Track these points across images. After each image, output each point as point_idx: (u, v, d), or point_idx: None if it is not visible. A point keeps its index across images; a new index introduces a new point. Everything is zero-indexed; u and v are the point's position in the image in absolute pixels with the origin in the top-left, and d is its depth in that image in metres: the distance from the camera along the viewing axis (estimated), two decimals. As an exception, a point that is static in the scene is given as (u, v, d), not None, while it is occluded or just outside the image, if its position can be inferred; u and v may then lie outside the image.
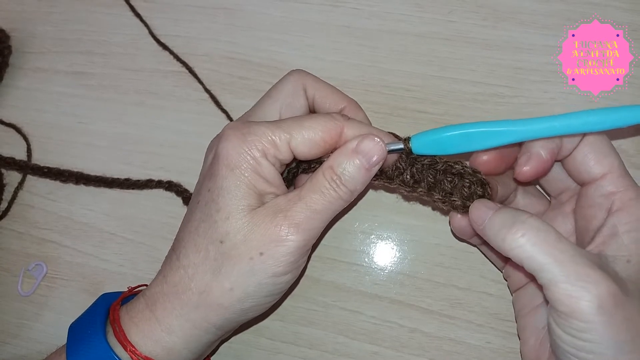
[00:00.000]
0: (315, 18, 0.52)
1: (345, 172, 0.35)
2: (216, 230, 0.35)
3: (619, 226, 0.33)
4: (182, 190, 0.49)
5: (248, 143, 0.35)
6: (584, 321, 0.30)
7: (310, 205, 0.35)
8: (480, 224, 0.34)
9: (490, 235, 0.34)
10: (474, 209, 0.35)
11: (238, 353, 0.46)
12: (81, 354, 0.35)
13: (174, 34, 0.54)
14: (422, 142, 0.36)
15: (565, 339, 0.32)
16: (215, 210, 0.35)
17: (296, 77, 0.40)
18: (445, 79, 0.49)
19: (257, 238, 0.34)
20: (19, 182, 0.52)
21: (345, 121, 0.36)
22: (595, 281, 0.30)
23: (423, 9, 0.51)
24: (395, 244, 0.47)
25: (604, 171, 0.35)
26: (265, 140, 0.35)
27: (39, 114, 0.54)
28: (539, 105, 0.48)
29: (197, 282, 0.35)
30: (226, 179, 0.35)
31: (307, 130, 0.35)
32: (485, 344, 0.44)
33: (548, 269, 0.31)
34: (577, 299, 0.30)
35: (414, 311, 0.45)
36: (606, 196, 0.35)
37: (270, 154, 0.35)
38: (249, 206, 0.35)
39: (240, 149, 0.35)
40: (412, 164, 0.37)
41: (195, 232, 0.36)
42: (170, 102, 0.52)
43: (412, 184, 0.37)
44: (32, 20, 0.57)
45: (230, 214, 0.35)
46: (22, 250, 0.50)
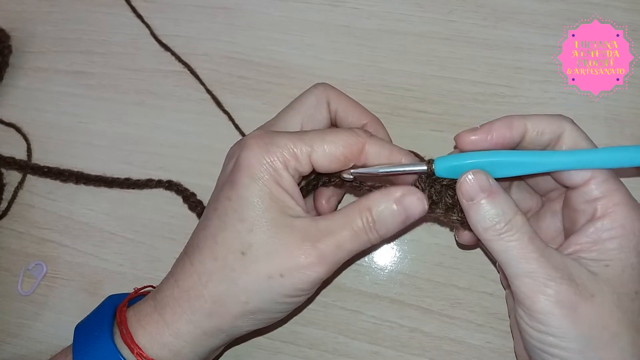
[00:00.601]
0: (315, 18, 0.52)
1: (382, 217, 0.35)
2: (238, 240, 0.34)
3: (602, 232, 0.33)
4: (182, 189, 0.49)
5: (270, 154, 0.34)
6: (544, 314, 0.31)
7: (339, 241, 0.34)
8: (468, 200, 0.34)
9: (474, 219, 0.34)
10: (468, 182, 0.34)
11: (238, 353, 0.46)
12: (88, 355, 0.35)
13: (174, 34, 0.54)
14: (446, 166, 0.36)
15: (532, 334, 0.33)
16: (238, 220, 0.34)
17: (320, 90, 0.40)
18: (445, 78, 0.49)
19: (280, 258, 0.34)
20: (19, 182, 0.52)
21: (368, 138, 0.36)
22: (557, 278, 0.31)
23: (423, 9, 0.51)
24: (395, 243, 0.47)
25: (586, 178, 0.34)
26: (287, 152, 0.35)
27: (39, 114, 0.54)
28: (539, 105, 0.48)
29: (210, 290, 0.35)
30: (248, 188, 0.34)
31: (329, 145, 0.35)
32: (485, 344, 0.44)
33: (514, 264, 0.32)
34: (538, 293, 0.31)
35: (414, 311, 0.45)
36: (590, 202, 0.34)
37: (291, 166, 0.35)
38: (273, 220, 0.34)
39: (262, 159, 0.34)
40: (431, 185, 0.37)
41: (212, 239, 0.35)
42: (170, 102, 0.52)
43: (431, 205, 0.37)
44: (32, 20, 0.57)
45: (254, 225, 0.34)
46: (22, 249, 0.50)
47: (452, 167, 0.35)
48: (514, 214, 0.33)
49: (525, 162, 0.34)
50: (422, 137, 0.48)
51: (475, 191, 0.33)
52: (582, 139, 0.35)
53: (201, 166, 0.50)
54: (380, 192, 0.35)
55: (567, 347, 0.31)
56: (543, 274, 0.32)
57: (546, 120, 0.35)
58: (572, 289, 0.31)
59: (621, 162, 0.34)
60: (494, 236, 0.33)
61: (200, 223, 0.38)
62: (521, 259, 0.32)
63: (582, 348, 0.31)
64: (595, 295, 0.32)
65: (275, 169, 0.34)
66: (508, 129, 0.35)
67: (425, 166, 0.36)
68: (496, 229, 0.33)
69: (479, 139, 0.35)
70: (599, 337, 0.31)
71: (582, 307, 0.31)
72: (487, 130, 0.35)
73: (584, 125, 0.46)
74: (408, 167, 0.36)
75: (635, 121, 0.47)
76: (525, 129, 0.35)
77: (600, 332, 0.31)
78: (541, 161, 0.34)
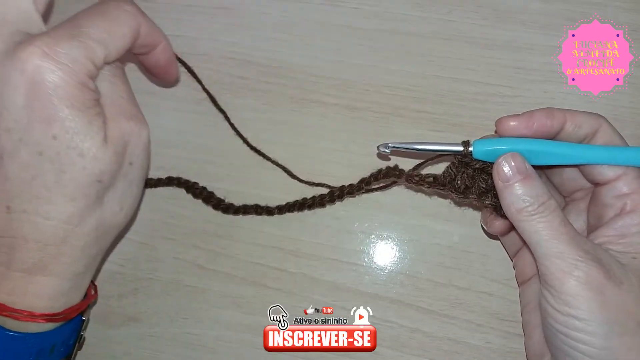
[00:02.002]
0: (315, 18, 0.52)
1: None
2: (90, 173, 0.32)
3: (631, 227, 0.34)
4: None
5: (77, 74, 0.31)
6: (572, 295, 0.32)
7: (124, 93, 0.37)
8: (504, 181, 0.34)
9: (508, 200, 0.34)
10: (506, 164, 0.34)
11: (238, 353, 0.46)
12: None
13: (174, 34, 0.54)
14: (484, 149, 0.36)
15: (557, 317, 0.33)
16: (79, 154, 0.32)
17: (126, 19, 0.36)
18: (445, 78, 0.49)
19: (122, 152, 0.35)
20: (19, 182, 0.52)
21: (140, 14, 0.36)
22: (587, 260, 0.32)
23: (423, 9, 0.51)
24: (395, 243, 0.47)
25: (619, 173, 0.35)
26: (88, 64, 0.32)
27: (38, 114, 0.54)
28: (538, 105, 0.47)
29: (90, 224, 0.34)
30: (76, 118, 0.31)
31: (118, 39, 0.34)
32: (485, 344, 0.44)
33: (544, 244, 0.33)
34: (567, 274, 0.32)
35: (414, 311, 0.45)
36: (620, 197, 0.35)
37: (93, 73, 0.33)
38: (102, 133, 0.33)
39: (72, 81, 0.31)
40: (464, 168, 0.37)
41: (59, 182, 0.32)
42: (170, 102, 0.52)
43: (464, 190, 0.37)
44: (32, 19, 0.57)
45: (97, 151, 0.32)
46: (22, 250, 0.50)
47: (491, 150, 0.36)
48: (547, 198, 0.34)
49: (561, 152, 0.35)
50: (422, 137, 0.48)
51: (512, 173, 0.34)
52: (617, 137, 0.36)
53: (201, 166, 0.50)
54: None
55: (592, 331, 0.31)
56: (573, 255, 0.32)
57: (585, 116, 0.36)
58: (602, 273, 0.32)
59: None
60: (527, 217, 0.33)
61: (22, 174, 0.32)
62: (552, 239, 0.33)
63: (607, 333, 0.31)
64: (623, 283, 0.32)
65: (86, 85, 0.32)
66: (549, 118, 0.36)
67: (461, 147, 0.37)
68: (529, 210, 0.33)
69: (520, 126, 0.36)
70: (624, 324, 0.31)
71: (609, 291, 0.31)
72: (528, 118, 0.36)
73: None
74: (445, 146, 0.37)
75: (635, 121, 0.47)
76: (564, 121, 0.36)
77: (626, 319, 0.32)
78: (578, 153, 0.35)
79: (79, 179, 0.32)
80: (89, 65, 0.32)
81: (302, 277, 0.46)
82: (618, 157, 0.35)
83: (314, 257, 0.47)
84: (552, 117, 0.36)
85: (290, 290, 0.46)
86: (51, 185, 0.32)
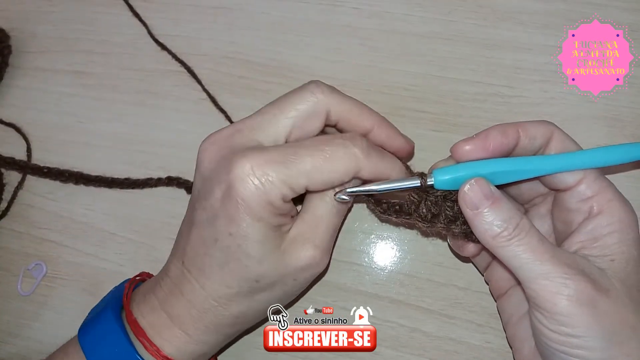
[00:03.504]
0: (315, 18, 0.52)
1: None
2: (249, 272, 0.36)
3: (601, 228, 0.34)
4: (183, 181, 0.49)
5: (268, 193, 0.34)
6: (566, 315, 0.31)
7: (327, 224, 0.37)
8: (473, 209, 0.33)
9: (481, 228, 0.33)
10: (471, 191, 0.33)
11: (238, 353, 0.46)
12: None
13: (173, 34, 0.54)
14: (444, 178, 0.35)
15: (552, 337, 0.32)
16: (244, 255, 0.35)
17: (320, 99, 0.36)
18: (445, 78, 0.49)
19: (291, 272, 0.37)
20: (19, 182, 0.52)
21: (364, 158, 0.35)
22: (574, 276, 0.31)
23: (423, 9, 0.51)
24: (395, 243, 0.47)
25: (578, 178, 0.35)
26: (284, 189, 0.34)
27: (38, 114, 0.54)
28: (538, 105, 0.48)
29: (232, 310, 0.37)
30: (251, 228, 0.34)
31: (327, 174, 0.35)
32: (485, 344, 0.44)
33: (528, 267, 0.32)
34: (557, 294, 0.31)
35: (414, 311, 0.45)
36: (584, 201, 0.35)
37: (288, 198, 0.35)
38: (276, 247, 0.36)
39: (261, 198, 0.34)
40: (426, 197, 0.36)
41: (220, 269, 0.36)
42: (170, 102, 0.52)
43: (431, 219, 0.36)
44: (32, 19, 0.57)
45: (263, 259, 0.35)
46: (22, 249, 0.50)
47: (451, 179, 0.35)
48: (520, 218, 0.33)
49: (521, 169, 0.35)
50: (422, 137, 0.48)
51: (479, 199, 0.33)
52: (570, 141, 0.36)
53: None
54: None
55: (591, 346, 0.31)
56: (559, 274, 0.31)
57: (536, 126, 0.36)
58: (590, 285, 0.31)
59: (611, 160, 0.34)
60: (504, 243, 0.32)
61: (197, 244, 0.37)
62: (535, 261, 0.32)
63: (606, 345, 0.31)
64: (610, 290, 0.32)
65: (273, 204, 0.34)
66: (504, 136, 0.35)
67: (418, 181, 0.35)
68: (504, 235, 0.32)
69: (476, 148, 0.35)
70: (619, 332, 0.31)
71: (601, 303, 0.31)
72: (484, 139, 0.35)
73: (584, 125, 0.46)
74: (401, 182, 0.36)
75: (635, 121, 0.47)
76: (518, 135, 0.35)
77: (621, 327, 0.31)
78: (537, 167, 0.35)
79: (239, 273, 0.36)
80: (284, 190, 0.34)
81: (302, 277, 0.46)
82: (576, 163, 0.34)
83: (314, 257, 0.47)
84: (506, 134, 0.35)
85: (290, 290, 0.46)
86: (215, 267, 0.36)
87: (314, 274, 0.38)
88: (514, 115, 0.47)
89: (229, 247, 0.35)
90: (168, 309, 0.38)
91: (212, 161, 0.36)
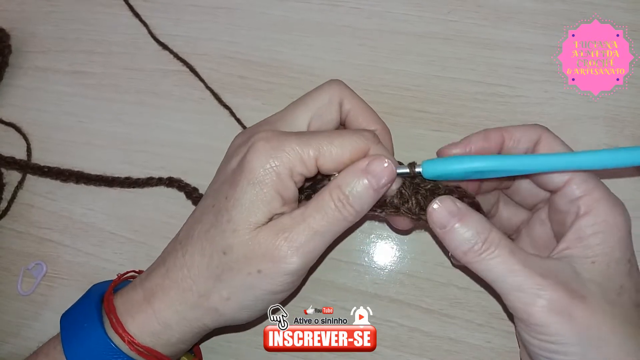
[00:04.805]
0: (315, 18, 0.52)
1: (354, 191, 0.34)
2: (223, 240, 0.35)
3: (586, 229, 0.34)
4: (184, 184, 0.49)
5: (276, 159, 0.34)
6: (541, 325, 0.32)
7: (313, 226, 0.34)
8: (441, 227, 0.34)
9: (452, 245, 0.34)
10: (437, 211, 0.34)
11: (238, 352, 0.46)
12: (78, 346, 0.36)
13: (174, 34, 0.54)
14: (432, 169, 0.35)
15: (534, 343, 0.33)
16: (227, 220, 0.35)
17: (334, 89, 0.39)
18: (445, 78, 0.49)
19: (257, 256, 0.34)
20: (19, 182, 0.52)
21: (374, 143, 0.36)
22: (547, 286, 0.32)
23: (423, 9, 0.51)
24: (395, 243, 0.47)
25: (566, 178, 0.35)
26: (293, 157, 0.34)
27: (38, 113, 0.54)
28: (538, 105, 0.48)
29: (198, 284, 0.36)
30: (245, 193, 0.34)
31: (336, 148, 0.35)
32: (485, 344, 0.44)
33: (501, 280, 0.33)
34: (531, 306, 0.32)
35: (414, 310, 0.45)
36: (573, 201, 0.35)
37: (296, 171, 0.35)
38: (255, 223, 0.35)
39: (267, 165, 0.34)
40: (416, 190, 0.37)
41: (204, 235, 0.36)
42: (170, 102, 0.52)
43: (418, 212, 0.37)
44: (32, 19, 0.57)
45: (237, 228, 0.35)
46: (22, 249, 0.50)
47: (441, 171, 0.35)
48: (488, 232, 0.33)
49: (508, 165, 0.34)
50: (422, 137, 0.48)
51: (445, 218, 0.34)
52: (558, 144, 0.36)
53: (202, 166, 0.49)
54: (348, 168, 0.35)
55: (569, 351, 0.32)
56: (532, 285, 0.32)
57: (521, 130, 0.37)
58: (564, 294, 0.32)
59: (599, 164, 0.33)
60: (475, 257, 0.33)
61: (197, 213, 0.38)
62: (507, 273, 0.32)
63: (585, 350, 0.32)
64: (586, 296, 0.32)
65: (278, 175, 0.34)
66: (485, 141, 0.36)
67: (408, 169, 0.36)
68: (475, 250, 0.33)
69: (460, 152, 0.37)
70: (597, 336, 0.32)
71: (576, 310, 0.32)
72: (466, 144, 0.37)
73: (584, 125, 0.47)
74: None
75: (635, 121, 0.47)
76: (502, 139, 0.36)
77: (598, 331, 0.32)
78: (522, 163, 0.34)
79: (215, 239, 0.35)
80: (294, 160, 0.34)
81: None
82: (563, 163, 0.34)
83: (314, 256, 0.47)
84: (489, 138, 0.36)
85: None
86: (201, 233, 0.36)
87: (280, 272, 0.34)
88: (514, 115, 0.48)
89: (219, 211, 0.35)
90: (145, 283, 0.37)
91: (236, 145, 0.39)
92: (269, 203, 0.35)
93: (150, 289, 0.37)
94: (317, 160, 0.35)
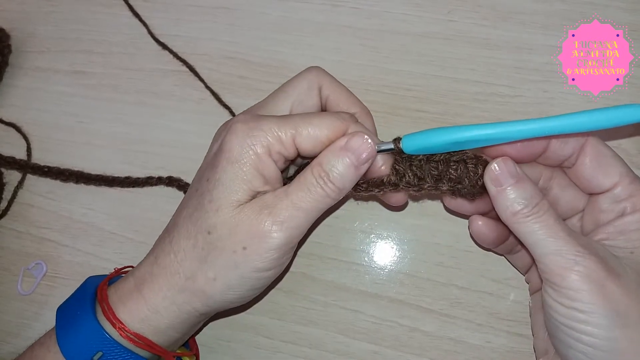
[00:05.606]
0: (315, 18, 0.52)
1: (334, 169, 0.35)
2: (206, 220, 0.35)
3: (630, 224, 0.35)
4: (183, 184, 0.49)
5: (253, 138, 0.35)
6: (574, 289, 0.32)
7: (295, 202, 0.35)
8: (497, 186, 0.35)
9: (502, 204, 0.34)
10: (498, 169, 0.34)
11: (238, 352, 0.46)
12: (71, 333, 0.36)
13: (174, 34, 0.54)
14: (412, 143, 0.36)
15: (560, 310, 0.33)
16: (208, 200, 0.36)
17: (313, 75, 0.40)
18: (445, 78, 0.49)
19: (241, 233, 0.35)
20: (19, 181, 0.52)
21: (352, 122, 0.37)
22: (586, 255, 0.33)
23: (423, 9, 0.51)
24: (395, 243, 0.47)
25: (614, 181, 0.36)
26: (270, 135, 0.35)
27: (38, 114, 0.54)
28: (538, 105, 0.48)
29: (185, 267, 0.36)
30: (225, 172, 0.35)
31: (313, 127, 0.35)
32: (485, 344, 0.44)
33: (542, 244, 0.33)
34: (568, 269, 0.32)
35: (414, 310, 0.45)
36: (618, 202, 0.36)
37: (274, 150, 0.35)
38: (238, 201, 0.35)
39: (244, 143, 0.35)
40: (410, 163, 0.37)
41: (188, 218, 0.37)
42: (170, 102, 0.52)
43: (418, 182, 0.37)
44: (32, 19, 0.57)
45: (220, 206, 0.35)
46: (22, 249, 0.50)
47: (420, 144, 0.36)
48: (540, 198, 0.34)
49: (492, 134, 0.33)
50: (422, 137, 0.48)
51: (504, 177, 0.34)
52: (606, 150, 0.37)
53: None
54: (328, 147, 0.36)
55: (595, 322, 0.32)
56: (572, 251, 0.33)
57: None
58: (601, 266, 0.32)
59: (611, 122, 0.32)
60: (522, 219, 0.34)
61: (182, 201, 0.39)
62: (549, 237, 0.33)
63: (610, 325, 0.32)
64: (622, 275, 0.33)
65: (256, 153, 0.35)
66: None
67: (392, 144, 0.36)
68: (524, 212, 0.34)
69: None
70: (626, 316, 0.32)
71: (610, 284, 0.32)
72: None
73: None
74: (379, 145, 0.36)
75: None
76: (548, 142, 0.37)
77: (627, 311, 0.32)
78: (498, 131, 0.33)
79: (198, 221, 0.36)
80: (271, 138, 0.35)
81: (302, 276, 0.46)
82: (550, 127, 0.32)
83: (314, 256, 0.47)
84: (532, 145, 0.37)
85: (290, 289, 0.46)
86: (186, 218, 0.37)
87: (264, 247, 0.34)
88: (514, 115, 0.48)
89: (202, 194, 0.36)
90: (136, 272, 0.38)
91: (217, 133, 0.39)
92: (249, 181, 0.35)
93: (140, 277, 0.38)
94: (295, 139, 0.35)
